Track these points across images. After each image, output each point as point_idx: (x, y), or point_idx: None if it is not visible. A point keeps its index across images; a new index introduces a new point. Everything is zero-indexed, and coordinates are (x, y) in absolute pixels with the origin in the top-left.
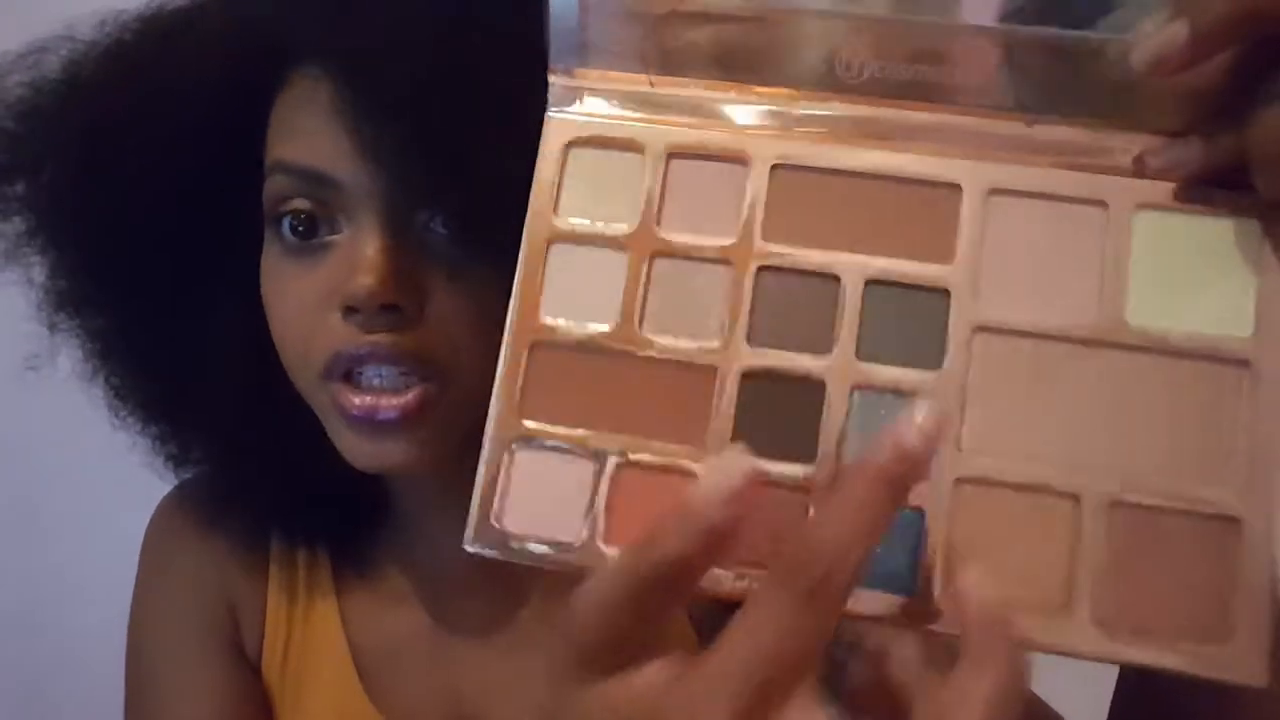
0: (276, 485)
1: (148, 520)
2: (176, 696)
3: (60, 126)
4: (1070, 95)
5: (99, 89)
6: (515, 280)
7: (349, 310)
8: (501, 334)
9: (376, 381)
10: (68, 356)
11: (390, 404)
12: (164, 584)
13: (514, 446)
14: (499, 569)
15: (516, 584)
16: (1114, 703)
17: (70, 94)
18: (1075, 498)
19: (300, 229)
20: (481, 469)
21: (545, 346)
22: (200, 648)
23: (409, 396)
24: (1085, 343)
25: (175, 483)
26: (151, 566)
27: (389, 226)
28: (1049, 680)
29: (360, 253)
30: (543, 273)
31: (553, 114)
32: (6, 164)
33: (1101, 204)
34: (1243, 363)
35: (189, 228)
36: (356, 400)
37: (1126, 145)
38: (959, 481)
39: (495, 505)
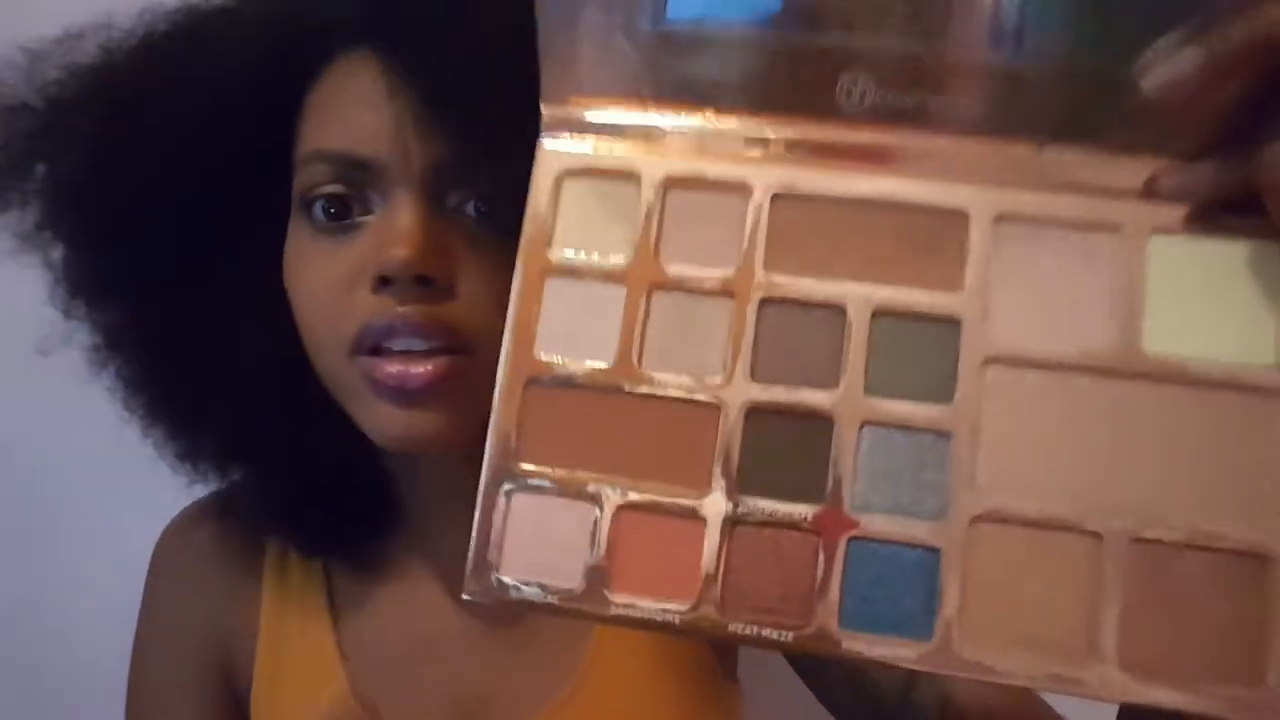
0: (286, 484)
1: (148, 518)
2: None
3: (88, 113)
4: (1079, 120)
5: (130, 78)
6: (509, 315)
7: (382, 282)
8: None
9: (404, 352)
10: (76, 351)
11: (419, 371)
12: (160, 621)
13: (510, 489)
14: None
15: None
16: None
17: (101, 82)
18: (1096, 535)
19: (332, 210)
20: (477, 514)
21: (541, 385)
22: (188, 693)
23: (439, 362)
24: (1101, 373)
25: (178, 479)
26: (151, 599)
27: (424, 202)
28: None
29: (395, 226)
30: (538, 308)
31: (546, 143)
32: (30, 148)
33: (1114, 229)
34: (1266, 392)
35: (209, 222)
36: (388, 368)
37: (1137, 170)
38: (975, 520)
39: (492, 551)
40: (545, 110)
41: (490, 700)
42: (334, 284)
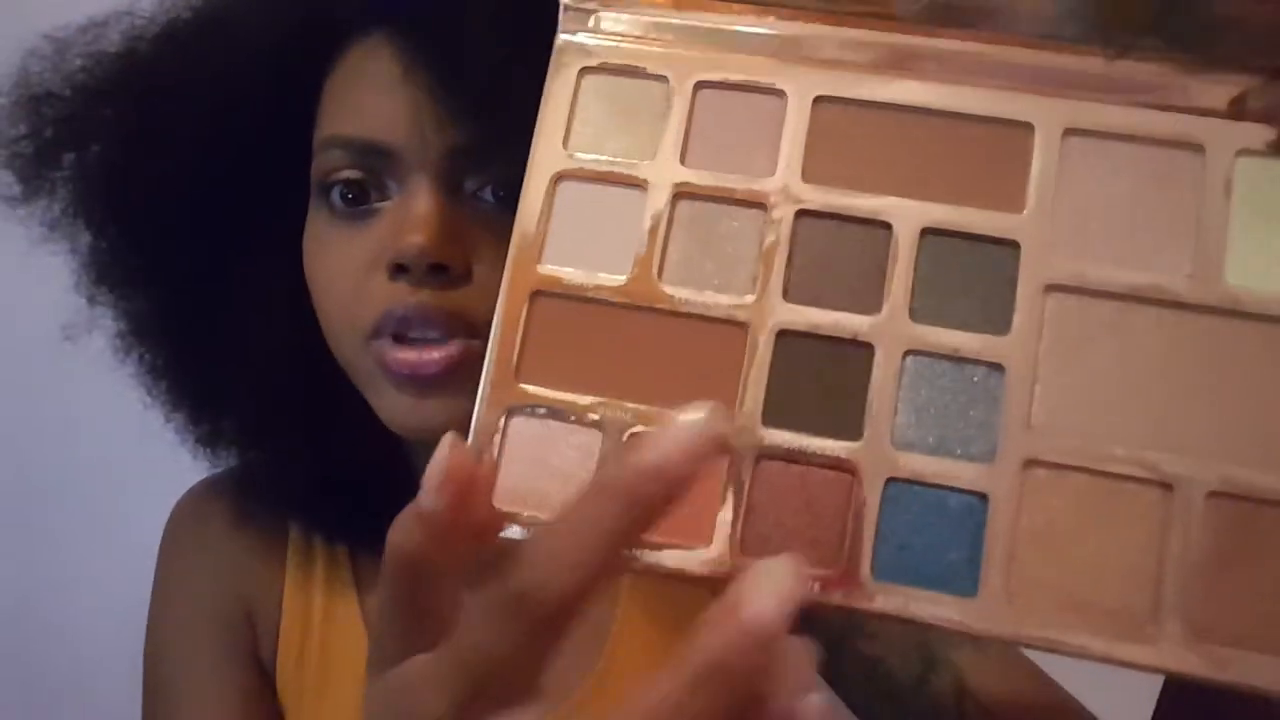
0: (307, 470)
1: (151, 517)
2: (190, 704)
3: (114, 101)
4: (1158, 27)
5: (154, 65)
6: (516, 221)
7: (398, 269)
8: None
9: (420, 340)
10: (83, 347)
11: (434, 358)
12: (180, 589)
13: (509, 413)
14: None
15: None
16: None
17: (126, 69)
18: (1166, 486)
19: (350, 196)
20: (470, 438)
21: (548, 299)
22: (215, 655)
23: (452, 348)
24: (1176, 305)
25: (195, 466)
26: (168, 570)
27: (440, 189)
28: (1081, 679)
29: (411, 213)
30: (549, 214)
31: (564, 37)
32: (57, 137)
33: (1197, 148)
34: None
35: (233, 207)
36: (402, 355)
37: (1222, 87)
38: (1029, 464)
39: (489, 483)
40: (564, 1)
41: None
42: (351, 271)
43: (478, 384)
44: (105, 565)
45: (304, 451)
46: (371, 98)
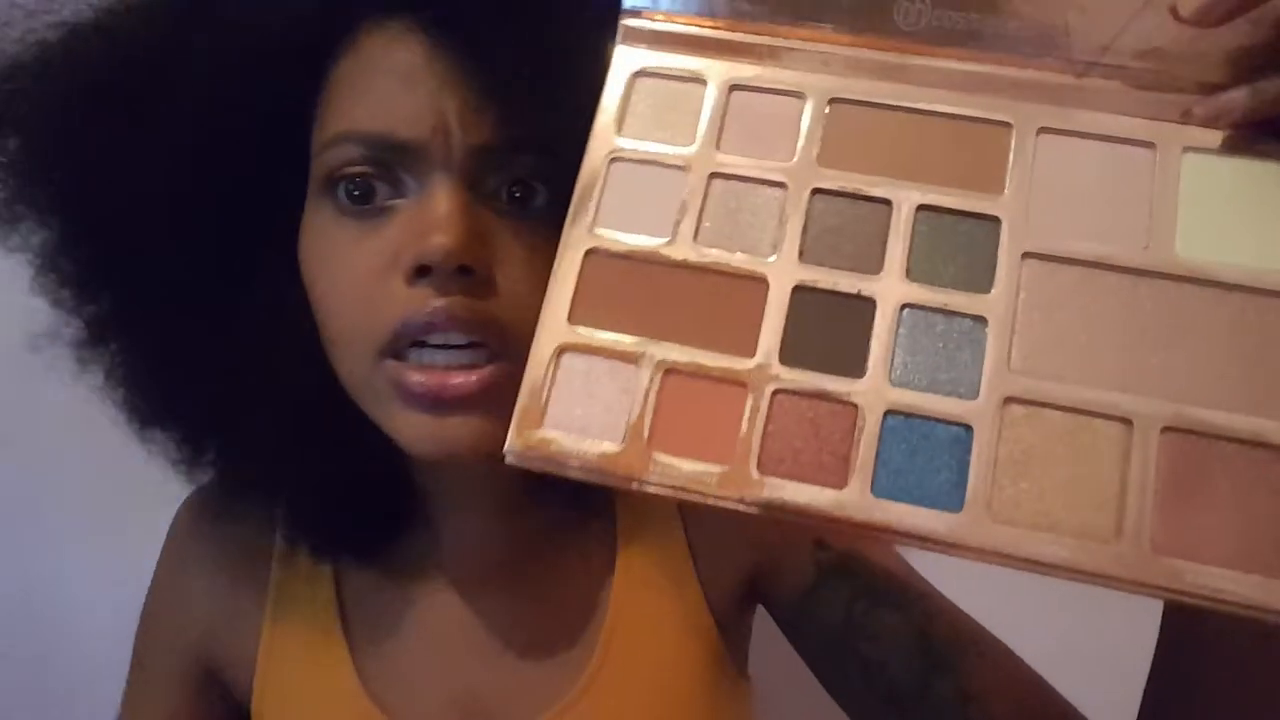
0: (291, 495)
1: (147, 510)
2: (141, 701)
3: (73, 79)
4: (1122, 51)
5: (125, 44)
6: (575, 192)
7: (420, 271)
8: None
9: (441, 358)
10: (69, 347)
11: (459, 381)
12: (163, 597)
13: (562, 352)
14: (521, 567)
15: (537, 581)
16: (1154, 666)
17: (91, 46)
18: (1126, 421)
19: (357, 193)
20: (527, 371)
21: (600, 255)
22: (170, 666)
23: (483, 371)
24: (1135, 271)
25: (183, 483)
26: (161, 572)
27: (464, 186)
28: (1073, 679)
29: (434, 212)
30: (603, 187)
31: (621, 49)
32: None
33: (1149, 145)
34: None
35: (208, 206)
36: (421, 379)
37: (1174, 102)
38: (1008, 400)
39: (540, 411)
40: (623, 23)
41: (497, 702)
42: (363, 274)
43: (502, 406)
44: (105, 565)
45: (289, 478)
46: (394, 90)
